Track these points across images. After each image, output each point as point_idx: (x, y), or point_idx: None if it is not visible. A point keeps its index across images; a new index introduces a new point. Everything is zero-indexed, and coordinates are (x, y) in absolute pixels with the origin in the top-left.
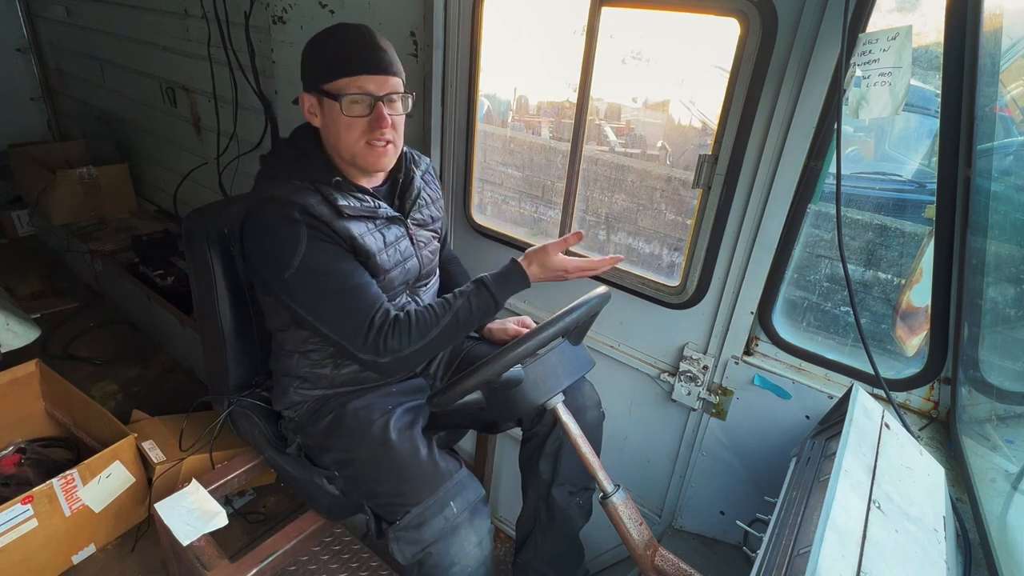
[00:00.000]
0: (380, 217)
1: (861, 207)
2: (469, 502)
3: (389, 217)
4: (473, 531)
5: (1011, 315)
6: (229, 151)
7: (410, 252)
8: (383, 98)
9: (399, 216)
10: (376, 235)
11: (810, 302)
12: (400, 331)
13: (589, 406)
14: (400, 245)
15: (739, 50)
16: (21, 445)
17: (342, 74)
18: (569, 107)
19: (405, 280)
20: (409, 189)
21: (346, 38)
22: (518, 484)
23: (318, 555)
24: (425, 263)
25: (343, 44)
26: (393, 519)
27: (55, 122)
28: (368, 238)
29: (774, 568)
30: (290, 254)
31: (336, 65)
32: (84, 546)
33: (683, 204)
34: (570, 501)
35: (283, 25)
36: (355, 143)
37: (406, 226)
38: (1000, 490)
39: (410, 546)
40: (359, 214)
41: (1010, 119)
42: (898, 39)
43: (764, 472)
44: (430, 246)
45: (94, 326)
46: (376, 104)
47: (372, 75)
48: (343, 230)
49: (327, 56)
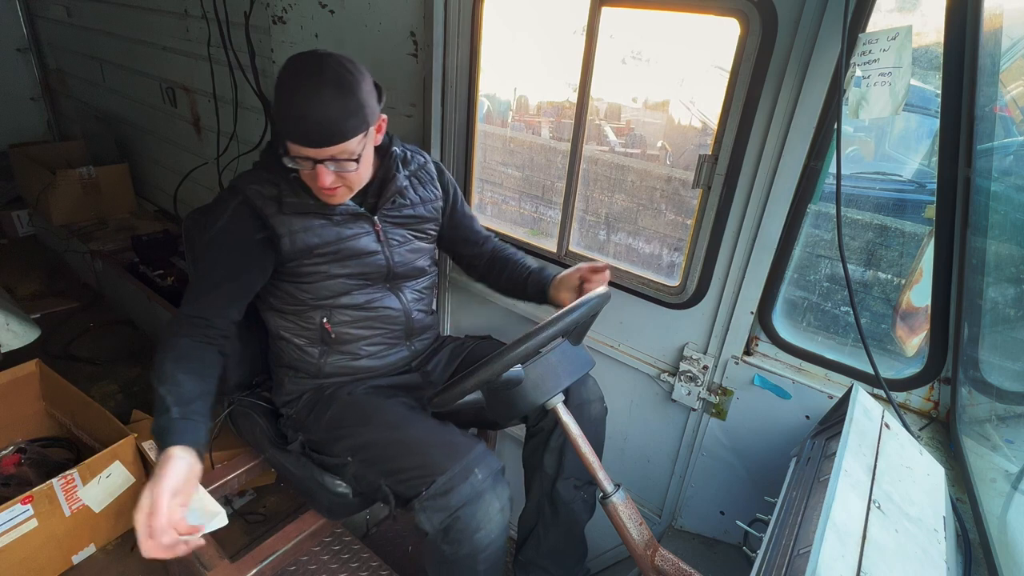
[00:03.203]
0: (338, 214)
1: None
2: (492, 470)
3: (352, 213)
4: (496, 497)
5: (1011, 315)
6: (229, 151)
7: (374, 248)
8: (323, 161)
9: (365, 213)
10: (328, 230)
11: (810, 302)
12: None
13: (592, 400)
14: (359, 240)
15: (739, 50)
16: (21, 445)
17: (285, 136)
18: (569, 107)
19: (364, 273)
20: (385, 189)
21: (291, 103)
22: (519, 483)
23: (318, 555)
24: (398, 261)
25: (287, 108)
26: (417, 491)
27: (55, 122)
28: (315, 231)
29: (774, 568)
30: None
31: (283, 127)
32: (84, 546)
33: (683, 204)
34: (575, 495)
35: (283, 25)
36: (309, 184)
37: (372, 223)
38: (1000, 490)
39: (438, 513)
40: (306, 211)
41: (1010, 119)
42: (898, 39)
43: (764, 472)
44: (409, 244)
45: (94, 326)
46: (316, 165)
47: (307, 147)
48: (279, 225)
49: (278, 111)
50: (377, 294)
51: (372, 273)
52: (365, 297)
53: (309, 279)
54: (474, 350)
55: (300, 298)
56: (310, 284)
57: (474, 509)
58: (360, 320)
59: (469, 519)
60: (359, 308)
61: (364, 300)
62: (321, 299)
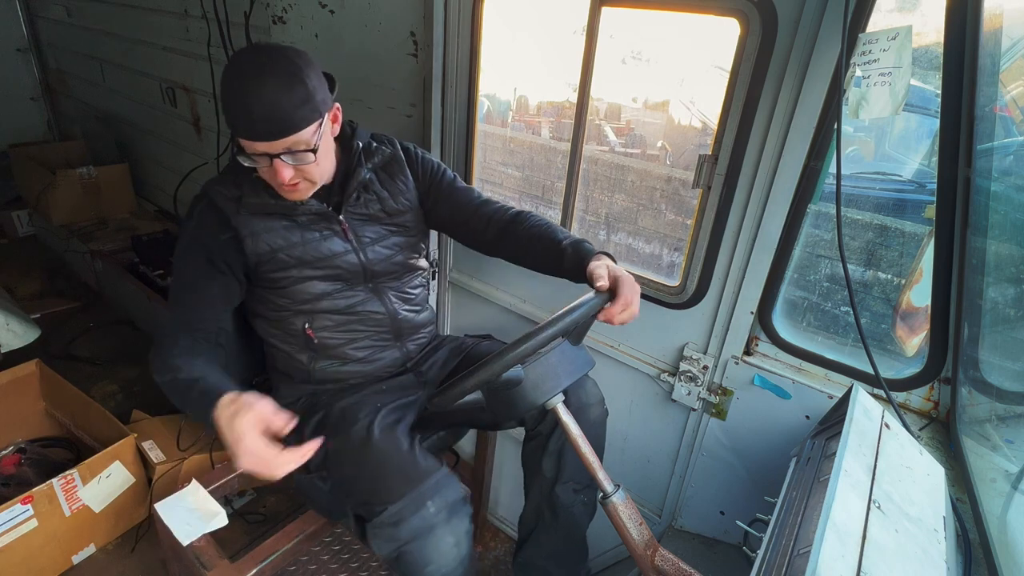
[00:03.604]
0: (301, 214)
1: (861, 207)
2: (447, 502)
3: (316, 212)
4: (450, 531)
5: (1011, 315)
6: (229, 151)
7: (343, 248)
8: (279, 155)
9: (329, 212)
10: (292, 231)
11: (810, 302)
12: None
13: (592, 403)
14: (326, 242)
15: (739, 50)
16: (21, 445)
17: (235, 133)
18: (569, 107)
19: (338, 275)
20: (347, 185)
21: (236, 97)
22: (518, 483)
23: (318, 555)
24: (372, 259)
25: (233, 103)
26: (371, 517)
27: (55, 122)
28: (271, 235)
29: (774, 568)
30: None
31: (232, 124)
32: (84, 546)
33: (683, 204)
34: (574, 499)
35: (283, 25)
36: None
37: (339, 222)
38: (1000, 490)
39: (387, 543)
40: (268, 211)
41: (1010, 119)
42: (898, 39)
43: (764, 472)
44: (385, 241)
45: (94, 326)
46: (272, 160)
47: (258, 142)
48: (242, 226)
49: (225, 108)
50: (358, 296)
51: (347, 274)
52: (346, 301)
53: (282, 283)
54: (474, 350)
55: (280, 303)
56: (285, 288)
57: (423, 544)
58: (343, 324)
59: (418, 553)
60: (341, 312)
61: (345, 304)
62: (300, 303)
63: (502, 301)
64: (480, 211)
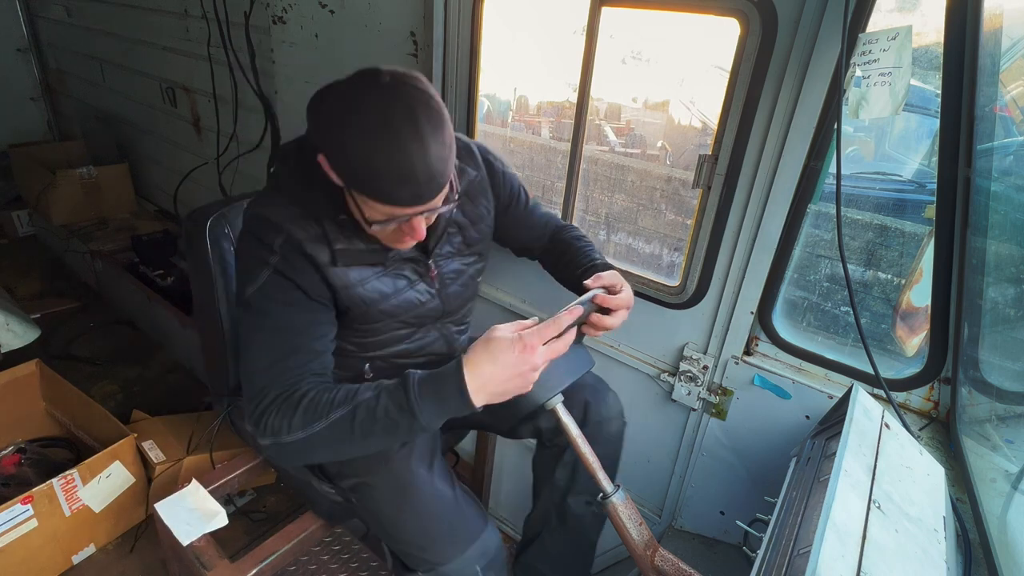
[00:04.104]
0: (391, 260)
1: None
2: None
3: (407, 258)
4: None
5: (1011, 315)
6: (229, 151)
7: (428, 295)
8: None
9: (420, 257)
10: (383, 281)
11: (810, 302)
12: (286, 410)
13: (612, 417)
14: (414, 288)
15: (739, 50)
16: (21, 445)
17: (377, 197)
18: (569, 107)
19: (417, 322)
20: (435, 226)
21: (390, 160)
22: (518, 484)
23: (318, 555)
24: (451, 301)
25: (385, 166)
26: (416, 568)
27: (55, 122)
28: (365, 287)
29: (774, 568)
30: (248, 281)
31: (376, 187)
32: (84, 546)
33: (683, 204)
34: (586, 510)
35: (283, 25)
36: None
37: (427, 268)
38: (1000, 490)
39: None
40: (359, 261)
41: (1010, 119)
42: (898, 39)
43: (764, 472)
44: (462, 278)
45: (94, 326)
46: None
47: (420, 206)
48: (333, 277)
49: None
50: (428, 337)
51: (425, 319)
52: (415, 344)
53: (357, 334)
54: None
55: (344, 349)
56: (359, 339)
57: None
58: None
59: None
60: (405, 356)
61: (414, 347)
62: (367, 351)
63: (502, 301)
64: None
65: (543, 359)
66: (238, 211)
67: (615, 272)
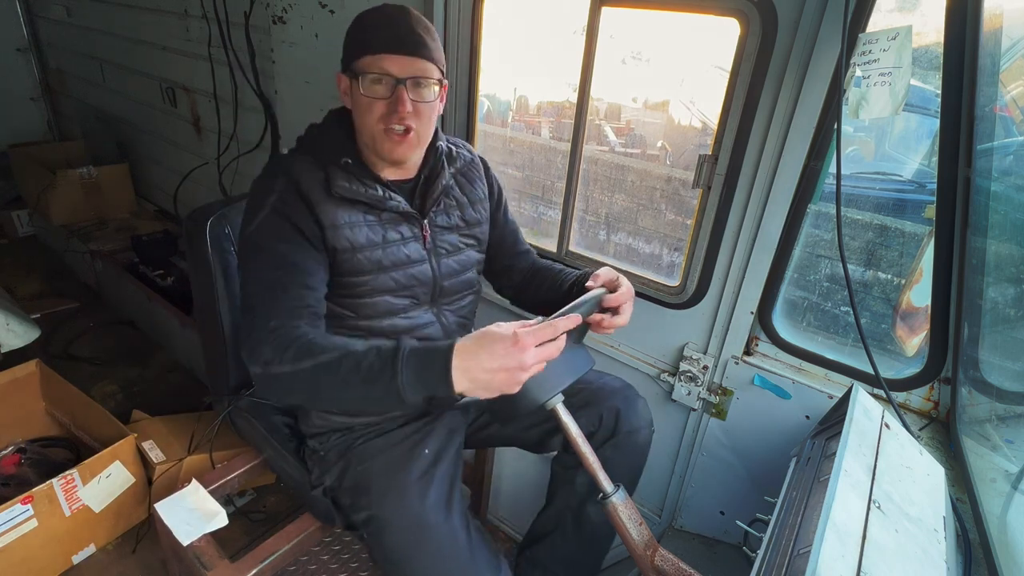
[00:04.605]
0: (388, 210)
1: (861, 207)
2: None
3: (402, 212)
4: None
5: (1011, 315)
6: (229, 151)
7: (420, 256)
8: (405, 81)
9: (414, 214)
10: (374, 229)
11: (810, 302)
12: (280, 343)
13: (642, 427)
14: (406, 246)
15: (739, 50)
16: (21, 445)
17: (366, 52)
18: (569, 107)
19: (409, 286)
20: (432, 187)
21: (377, 17)
22: (518, 484)
23: (318, 555)
24: (445, 273)
25: (372, 22)
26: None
27: (55, 122)
28: (354, 231)
29: (774, 568)
30: (249, 220)
31: (362, 41)
32: (84, 546)
33: (683, 204)
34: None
35: (283, 25)
36: (374, 126)
37: (421, 226)
38: (1000, 490)
39: None
40: (355, 198)
41: (1010, 119)
42: (898, 39)
43: (764, 472)
44: (459, 254)
45: (94, 326)
46: (397, 87)
47: (395, 55)
48: (323, 216)
49: (356, 33)
50: (422, 318)
51: (418, 287)
52: (408, 322)
53: (353, 291)
54: None
55: (339, 315)
56: (352, 299)
57: None
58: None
59: None
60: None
61: (407, 324)
62: (363, 318)
63: (501, 302)
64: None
65: (534, 359)
66: (238, 211)
67: (609, 268)
